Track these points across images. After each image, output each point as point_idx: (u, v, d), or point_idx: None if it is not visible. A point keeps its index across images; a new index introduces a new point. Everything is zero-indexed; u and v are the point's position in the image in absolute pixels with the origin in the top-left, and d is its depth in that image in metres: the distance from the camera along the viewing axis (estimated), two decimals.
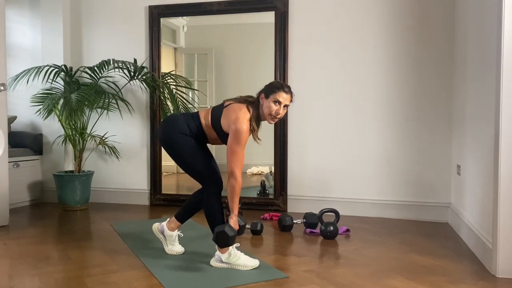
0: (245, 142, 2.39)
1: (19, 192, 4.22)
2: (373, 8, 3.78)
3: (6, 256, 2.72)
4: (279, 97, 2.41)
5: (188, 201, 2.71)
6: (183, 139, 2.48)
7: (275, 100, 2.41)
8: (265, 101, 2.44)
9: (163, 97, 4.28)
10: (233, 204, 2.43)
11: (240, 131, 2.36)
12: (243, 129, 2.36)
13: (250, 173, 4.56)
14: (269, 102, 2.42)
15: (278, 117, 2.45)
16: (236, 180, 2.38)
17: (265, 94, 2.45)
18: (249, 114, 2.42)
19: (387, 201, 3.79)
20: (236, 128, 2.36)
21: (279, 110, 2.43)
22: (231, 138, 2.38)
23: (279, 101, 2.42)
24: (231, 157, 2.37)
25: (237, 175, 2.38)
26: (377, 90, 3.80)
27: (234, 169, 2.37)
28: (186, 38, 4.61)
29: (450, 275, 2.38)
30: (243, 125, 2.36)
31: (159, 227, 2.75)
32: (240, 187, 2.41)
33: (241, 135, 2.36)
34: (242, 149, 2.38)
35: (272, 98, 2.42)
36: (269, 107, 2.42)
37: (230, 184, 2.40)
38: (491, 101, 2.48)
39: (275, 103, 2.42)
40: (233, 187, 2.39)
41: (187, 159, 2.50)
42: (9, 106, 4.36)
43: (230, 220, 2.43)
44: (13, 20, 4.65)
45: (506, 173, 2.33)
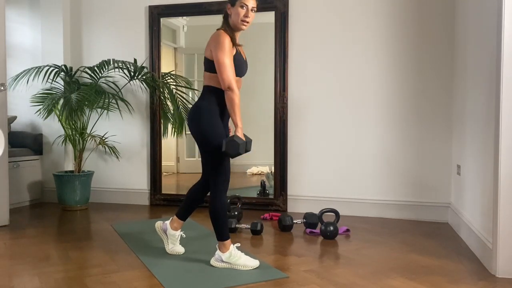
0: (229, 51, 2.39)
1: (19, 192, 4.22)
2: (373, 8, 3.78)
3: (6, 256, 2.72)
4: (244, 1, 2.43)
5: (187, 198, 2.71)
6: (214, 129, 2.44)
7: (241, 5, 2.43)
8: (232, 9, 2.45)
9: (163, 97, 4.28)
10: (236, 116, 2.38)
11: (219, 41, 2.38)
12: (223, 38, 2.38)
13: (250, 173, 4.56)
14: (236, 9, 2.44)
15: (247, 20, 2.45)
16: (233, 91, 2.36)
17: (231, 2, 2.46)
18: (222, 30, 2.44)
19: (387, 201, 3.79)
20: (215, 42, 2.39)
21: (247, 13, 2.44)
22: (215, 52, 2.39)
23: (245, 4, 2.43)
24: (221, 68, 2.37)
25: (233, 86, 2.36)
26: (377, 90, 3.80)
27: (228, 81, 2.36)
28: (186, 38, 4.61)
29: (450, 275, 2.38)
30: (219, 37, 2.39)
31: (162, 225, 2.75)
32: (239, 98, 2.38)
33: (222, 44, 2.37)
34: (228, 57, 2.38)
35: (238, 4, 2.43)
36: (237, 13, 2.43)
37: (229, 97, 2.37)
38: (491, 101, 2.48)
39: (242, 7, 2.43)
40: (232, 99, 2.37)
41: (216, 152, 2.44)
42: (9, 106, 4.36)
43: (237, 133, 2.39)
44: (13, 20, 4.65)
45: (506, 173, 2.33)
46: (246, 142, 2.46)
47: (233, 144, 2.35)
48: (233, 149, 2.36)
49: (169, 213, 3.75)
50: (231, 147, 2.36)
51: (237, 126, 2.40)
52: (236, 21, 2.44)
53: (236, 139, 2.35)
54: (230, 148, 2.36)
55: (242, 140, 2.38)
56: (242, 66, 2.51)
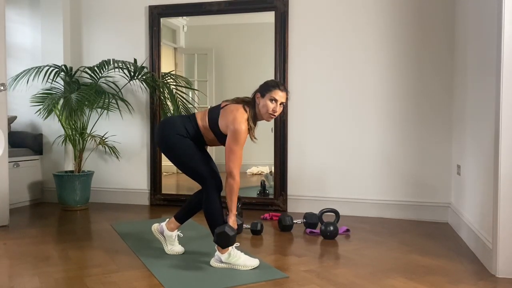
0: (244, 142, 2.42)
1: (19, 192, 4.22)
2: (373, 8, 3.78)
3: (6, 256, 2.72)
4: (275, 95, 2.45)
5: (188, 202, 2.72)
6: (181, 140, 2.50)
7: (271, 98, 2.45)
8: (261, 100, 2.47)
9: (163, 97, 4.28)
10: (231, 203, 2.45)
11: (238, 131, 2.39)
12: (241, 129, 2.39)
13: (250, 173, 4.56)
14: (265, 100, 2.46)
15: (275, 114, 2.49)
16: (234, 180, 2.41)
17: (261, 93, 2.48)
18: (246, 114, 2.45)
19: (387, 201, 3.79)
20: (234, 128, 2.39)
21: (275, 108, 2.47)
22: (230, 138, 2.41)
23: (275, 99, 2.46)
24: (229, 156, 2.40)
25: (235, 174, 2.41)
26: (377, 90, 3.80)
27: (233, 168, 2.40)
28: (186, 38, 4.61)
29: (450, 275, 2.38)
30: (241, 125, 2.39)
31: (159, 227, 2.76)
32: (238, 187, 2.44)
33: (240, 135, 2.39)
34: (240, 149, 2.41)
35: (268, 97, 2.45)
36: (266, 105, 2.46)
37: (229, 183, 2.42)
38: (491, 101, 2.48)
39: (271, 101, 2.46)
40: (231, 186, 2.42)
41: (186, 160, 2.51)
42: (9, 106, 4.36)
43: (229, 219, 2.46)
44: (13, 20, 4.65)
45: (506, 173, 2.33)
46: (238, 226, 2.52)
47: (225, 236, 2.39)
48: (225, 241, 2.40)
49: (169, 213, 3.75)
50: (222, 240, 2.40)
51: (231, 212, 2.47)
52: (264, 112, 2.48)
53: (228, 230, 2.39)
54: (221, 240, 2.40)
55: (234, 230, 2.43)
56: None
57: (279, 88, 2.47)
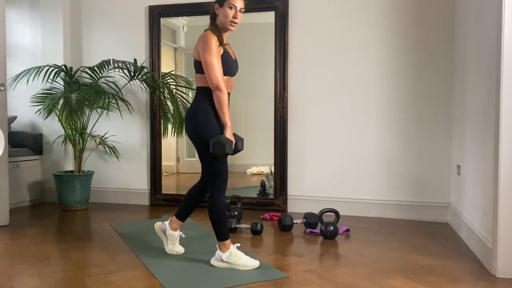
0: (216, 51, 2.39)
1: (19, 192, 4.22)
2: (373, 8, 3.78)
3: (6, 256, 2.72)
4: (233, 2, 2.43)
5: (186, 199, 2.71)
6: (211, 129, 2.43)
7: (230, 6, 2.44)
8: (220, 10, 2.46)
9: (163, 97, 4.28)
10: (224, 116, 2.40)
11: (206, 41, 2.38)
12: (209, 39, 2.39)
13: (250, 173, 4.56)
14: (224, 9, 2.44)
15: (236, 21, 2.46)
16: (221, 91, 2.37)
17: (219, 3, 2.46)
18: (209, 30, 2.44)
19: (387, 201, 3.79)
20: (202, 42, 2.40)
21: (236, 14, 2.45)
22: (202, 53, 2.39)
23: (233, 6, 2.44)
24: (208, 69, 2.37)
25: (221, 85, 2.37)
26: (377, 90, 3.80)
27: (216, 81, 2.36)
28: (186, 38, 4.61)
29: (450, 275, 2.38)
30: (206, 37, 2.40)
31: (161, 226, 2.75)
32: (227, 98, 2.40)
33: (209, 44, 2.37)
34: (215, 58, 2.38)
35: (227, 5, 2.43)
36: (225, 14, 2.44)
37: (216, 96, 2.38)
38: (491, 101, 2.48)
39: (231, 8, 2.44)
40: (220, 98, 2.38)
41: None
42: (9, 106, 4.36)
43: (225, 133, 2.40)
44: (13, 20, 4.66)
45: (506, 173, 2.33)
46: (236, 141, 2.46)
47: (219, 144, 2.35)
48: (219, 149, 2.35)
49: (169, 213, 3.75)
50: (217, 148, 2.35)
51: (225, 125, 2.41)
52: (225, 22, 2.45)
53: (222, 139, 2.35)
54: (216, 148, 2.35)
55: (229, 140, 2.37)
56: (232, 66, 2.51)
57: None
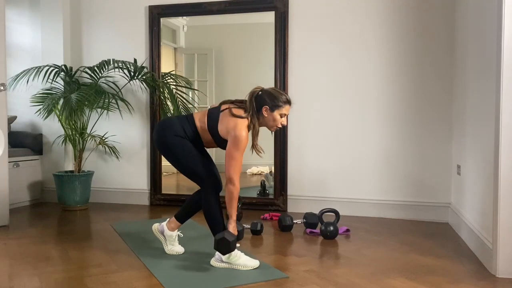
0: (244, 149, 2.41)
1: (19, 192, 4.22)
2: (374, 8, 3.78)
3: (6, 256, 2.72)
4: (286, 111, 2.49)
5: (187, 202, 2.71)
6: (179, 141, 2.49)
7: (282, 114, 2.48)
8: (269, 113, 2.47)
9: (163, 97, 4.28)
10: (231, 209, 2.44)
11: (239, 137, 2.37)
12: (243, 135, 2.38)
13: (250, 173, 4.56)
14: (275, 115, 2.47)
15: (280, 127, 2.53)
16: (234, 186, 2.39)
17: (270, 107, 2.46)
18: (247, 121, 2.44)
19: (387, 201, 3.79)
20: (235, 134, 2.38)
21: (284, 121, 2.51)
22: (230, 144, 2.39)
23: (284, 114, 2.49)
24: (229, 162, 2.38)
25: (235, 180, 2.39)
26: (377, 90, 3.80)
27: (232, 174, 2.38)
28: (186, 38, 4.61)
29: (450, 275, 2.38)
30: (242, 132, 2.38)
31: (159, 227, 2.76)
32: (238, 193, 2.42)
33: (241, 142, 2.37)
34: (241, 155, 2.39)
35: (279, 112, 2.47)
36: (274, 120, 2.47)
37: (228, 189, 2.41)
38: (491, 101, 2.48)
39: (281, 116, 2.48)
40: (231, 192, 2.40)
41: (184, 161, 2.50)
42: (9, 106, 4.36)
43: (229, 226, 2.44)
44: (13, 20, 4.65)
45: (506, 173, 2.33)
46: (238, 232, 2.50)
47: (225, 242, 2.37)
48: (225, 247, 2.38)
49: (169, 213, 3.75)
50: (223, 246, 2.38)
51: (230, 218, 2.45)
52: (271, 124, 2.50)
53: (227, 236, 2.37)
54: (221, 246, 2.38)
55: (234, 236, 2.41)
56: None
57: (289, 104, 2.49)
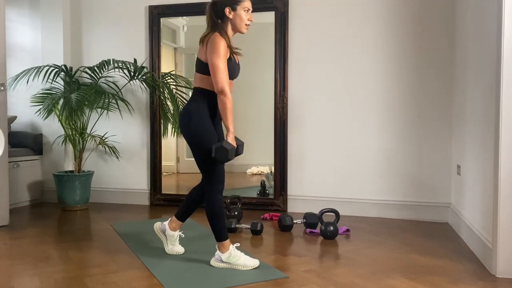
0: (224, 53, 2.37)
1: (19, 192, 4.21)
2: (374, 9, 3.78)
3: (6, 256, 2.72)
4: (248, 5, 2.46)
5: (186, 199, 2.71)
6: (205, 129, 2.43)
7: (245, 9, 2.45)
8: (233, 13, 2.45)
9: (163, 97, 4.28)
10: (227, 121, 2.37)
11: (215, 42, 2.35)
12: (218, 42, 2.36)
13: (250, 173, 4.56)
14: (239, 13, 2.44)
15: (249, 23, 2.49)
16: (226, 96, 2.35)
17: (231, 7, 2.44)
18: (218, 33, 2.41)
19: (387, 201, 3.79)
20: (211, 44, 2.36)
21: (251, 17, 2.48)
22: (210, 55, 2.36)
23: (248, 8, 2.46)
24: (215, 72, 2.34)
25: (226, 90, 2.34)
26: (377, 90, 3.80)
27: (221, 84, 2.34)
28: (186, 38, 4.61)
29: (450, 275, 2.38)
30: (215, 38, 2.37)
31: (161, 226, 2.75)
32: (231, 103, 2.37)
33: (218, 46, 2.35)
34: (223, 61, 2.36)
35: (241, 8, 2.44)
36: (241, 17, 2.45)
37: (221, 100, 2.36)
38: (491, 101, 2.48)
39: (246, 11, 2.46)
40: (224, 103, 2.36)
41: (206, 145, 2.43)
42: (9, 106, 4.36)
43: (228, 137, 2.39)
44: (13, 20, 4.65)
45: (506, 173, 2.33)
46: (238, 146, 2.46)
47: (222, 150, 2.35)
48: (222, 155, 2.35)
49: (169, 213, 3.75)
50: (220, 154, 2.35)
51: (228, 130, 2.39)
52: (240, 25, 2.46)
53: (225, 145, 2.34)
54: (219, 154, 2.35)
55: (232, 145, 2.37)
56: (235, 70, 2.50)
57: None
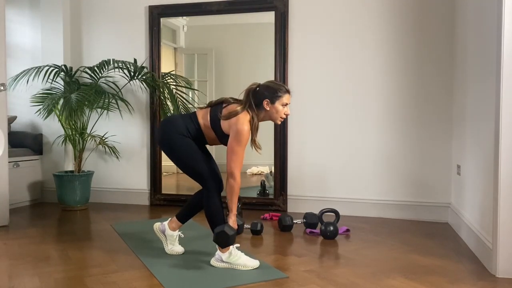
0: (246, 143, 2.43)
1: (19, 192, 4.21)
2: (374, 8, 3.78)
3: (6, 256, 2.72)
4: (286, 100, 2.50)
5: (189, 202, 2.72)
6: (182, 140, 2.50)
7: (283, 104, 2.49)
8: (271, 106, 2.48)
9: (163, 97, 4.28)
10: (232, 204, 2.46)
11: (241, 131, 2.39)
12: (244, 129, 2.39)
13: (250, 173, 4.55)
14: (277, 106, 2.48)
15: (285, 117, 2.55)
16: (235, 181, 2.42)
17: (270, 100, 2.47)
18: (249, 115, 2.45)
19: (387, 201, 3.79)
20: (237, 128, 2.39)
21: (287, 111, 2.52)
22: (232, 138, 2.41)
23: (286, 103, 2.50)
24: (231, 157, 2.41)
25: (237, 175, 2.41)
26: (377, 90, 3.80)
27: (234, 169, 2.41)
28: (186, 38, 4.61)
29: (450, 275, 2.38)
30: (244, 126, 2.40)
31: (160, 226, 2.76)
32: (239, 187, 2.44)
33: (242, 136, 2.39)
34: (242, 150, 2.41)
35: (280, 102, 2.48)
36: (278, 111, 2.49)
37: (229, 184, 2.43)
38: (491, 101, 2.48)
39: (283, 106, 2.50)
40: (232, 187, 2.43)
41: (186, 160, 2.52)
42: (9, 106, 4.36)
43: (229, 219, 2.46)
44: (13, 20, 4.65)
45: (506, 173, 2.33)
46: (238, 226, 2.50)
47: (224, 235, 2.38)
48: (224, 241, 2.39)
49: (169, 213, 3.75)
50: (221, 239, 2.39)
51: (231, 212, 2.47)
52: (275, 117, 2.50)
53: (227, 230, 2.38)
54: (221, 240, 2.39)
55: (234, 230, 2.42)
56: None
57: (288, 92, 2.51)
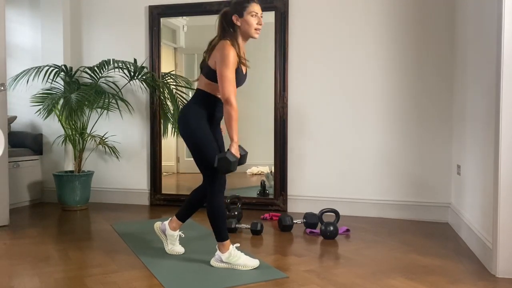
0: (233, 66, 2.36)
1: (19, 192, 4.21)
2: (374, 8, 3.78)
3: (6, 256, 2.72)
4: (253, 9, 2.41)
5: (188, 200, 2.71)
6: (203, 131, 2.44)
7: (252, 14, 2.41)
8: (241, 20, 2.43)
9: (163, 97, 4.28)
10: (232, 131, 2.36)
11: (224, 54, 2.34)
12: (226, 50, 2.35)
13: (250, 173, 4.56)
14: (246, 18, 2.42)
15: (260, 27, 2.45)
16: (231, 106, 2.34)
17: (238, 13, 2.43)
18: (228, 41, 2.41)
19: (387, 201, 3.79)
20: (220, 54, 2.36)
21: (259, 20, 2.44)
22: (219, 64, 2.36)
23: (255, 12, 2.42)
24: (222, 82, 2.34)
25: (232, 100, 2.34)
26: (378, 90, 3.80)
27: (228, 95, 2.33)
28: (186, 38, 4.61)
29: (450, 275, 2.38)
30: (224, 49, 2.36)
31: (161, 226, 2.75)
32: (236, 113, 2.36)
33: (227, 57, 2.34)
34: (231, 72, 2.35)
35: (248, 13, 2.41)
36: (249, 23, 2.42)
37: (227, 111, 2.35)
38: (491, 101, 2.48)
39: (253, 16, 2.42)
40: (229, 113, 2.35)
41: (204, 148, 2.44)
42: (9, 106, 4.36)
43: (231, 148, 2.37)
44: (13, 20, 4.65)
45: (506, 173, 2.33)
46: (241, 156, 2.45)
47: (225, 161, 2.33)
48: (225, 166, 2.34)
49: (169, 213, 3.75)
50: (223, 165, 2.34)
51: (232, 140, 2.38)
52: (249, 30, 2.43)
53: (229, 156, 2.33)
54: (222, 165, 2.34)
55: (235, 157, 2.35)
56: (240, 80, 2.49)
57: (254, 1, 2.43)
